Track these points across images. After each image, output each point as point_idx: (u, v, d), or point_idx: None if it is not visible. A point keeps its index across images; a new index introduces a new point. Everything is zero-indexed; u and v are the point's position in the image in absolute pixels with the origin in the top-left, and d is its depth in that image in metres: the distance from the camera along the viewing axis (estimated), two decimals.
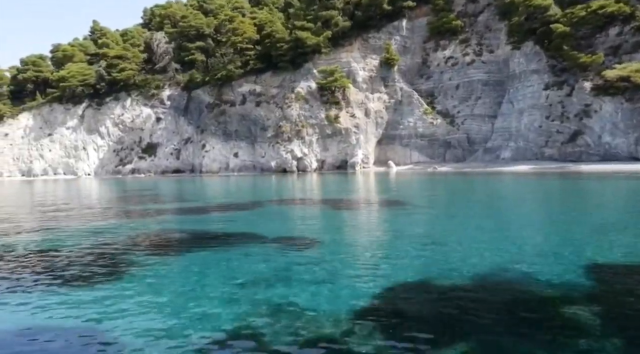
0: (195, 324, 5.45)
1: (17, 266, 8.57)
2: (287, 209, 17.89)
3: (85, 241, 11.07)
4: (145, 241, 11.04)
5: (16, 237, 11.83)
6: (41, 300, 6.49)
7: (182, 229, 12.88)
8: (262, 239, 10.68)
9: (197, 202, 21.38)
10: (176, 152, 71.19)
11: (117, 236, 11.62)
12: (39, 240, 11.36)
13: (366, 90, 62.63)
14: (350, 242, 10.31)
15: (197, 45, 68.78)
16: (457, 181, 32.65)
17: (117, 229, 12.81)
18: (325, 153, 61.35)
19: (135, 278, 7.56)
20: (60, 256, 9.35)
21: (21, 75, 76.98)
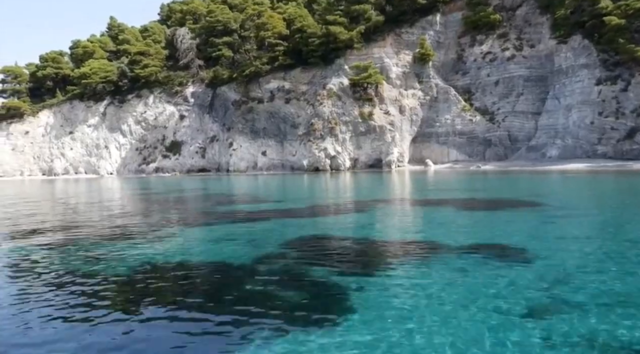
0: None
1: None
2: (411, 210, 16.05)
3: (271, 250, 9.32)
4: (339, 256, 9.27)
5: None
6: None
7: (344, 236, 11.10)
8: (455, 249, 8.90)
9: (289, 203, 19.53)
10: (201, 150, 69.45)
11: (302, 246, 9.85)
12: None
13: (400, 86, 60.80)
14: (568, 252, 8.51)
15: (224, 41, 66.95)
16: (522, 180, 30.80)
17: (279, 238, 11.05)
18: (359, 151, 59.56)
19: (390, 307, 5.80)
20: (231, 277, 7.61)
21: (40, 72, 75.28)
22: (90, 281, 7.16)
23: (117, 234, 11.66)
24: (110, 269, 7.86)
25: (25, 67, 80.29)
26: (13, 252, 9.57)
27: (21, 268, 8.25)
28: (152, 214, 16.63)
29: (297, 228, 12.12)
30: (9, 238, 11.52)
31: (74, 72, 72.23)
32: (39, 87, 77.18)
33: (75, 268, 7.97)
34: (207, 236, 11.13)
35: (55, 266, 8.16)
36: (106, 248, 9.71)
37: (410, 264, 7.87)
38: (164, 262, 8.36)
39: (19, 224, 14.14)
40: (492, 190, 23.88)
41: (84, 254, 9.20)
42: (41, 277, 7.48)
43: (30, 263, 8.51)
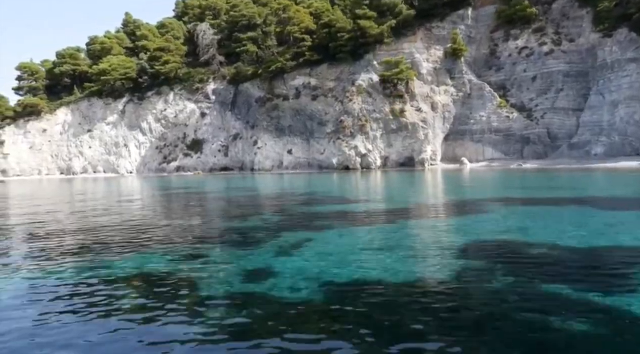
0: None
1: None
2: (544, 211, 14.17)
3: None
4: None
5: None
6: None
7: (519, 240, 9.27)
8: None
9: (386, 203, 17.70)
10: (224, 149, 67.74)
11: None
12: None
13: (431, 82, 59.00)
14: None
15: (248, 36, 65.22)
16: (586, 177, 28.92)
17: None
18: (389, 149, 57.78)
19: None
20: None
21: (58, 69, 73.66)
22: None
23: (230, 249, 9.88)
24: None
25: (41, 64, 78.65)
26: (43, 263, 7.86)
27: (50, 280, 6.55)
28: (253, 218, 14.83)
29: (445, 232, 10.34)
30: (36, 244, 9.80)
31: (92, 68, 70.55)
32: (55, 84, 75.57)
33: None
34: (355, 244, 9.32)
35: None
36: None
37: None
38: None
39: (39, 228, 12.44)
40: (577, 188, 22.04)
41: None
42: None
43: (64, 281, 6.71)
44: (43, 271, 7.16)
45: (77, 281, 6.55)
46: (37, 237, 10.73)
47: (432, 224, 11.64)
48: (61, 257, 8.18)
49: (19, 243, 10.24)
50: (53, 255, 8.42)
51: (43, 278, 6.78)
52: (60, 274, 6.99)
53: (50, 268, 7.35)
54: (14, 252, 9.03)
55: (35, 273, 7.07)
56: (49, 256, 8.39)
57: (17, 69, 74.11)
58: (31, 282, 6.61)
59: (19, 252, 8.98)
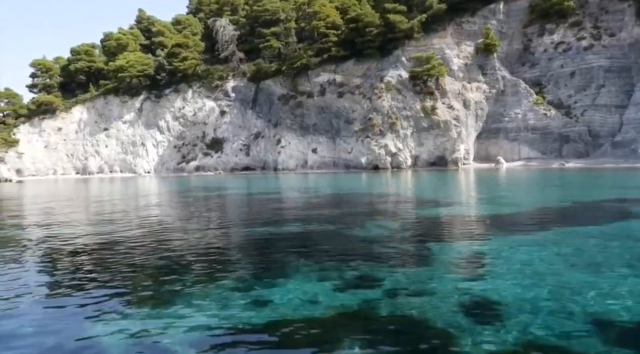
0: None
1: None
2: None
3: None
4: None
5: None
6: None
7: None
8: None
9: (479, 206, 15.82)
10: (245, 148, 65.71)
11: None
12: None
13: (462, 79, 57.04)
14: None
15: (272, 31, 63.18)
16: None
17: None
18: (420, 148, 55.80)
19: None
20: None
21: (73, 66, 71.62)
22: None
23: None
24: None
25: (54, 61, 76.65)
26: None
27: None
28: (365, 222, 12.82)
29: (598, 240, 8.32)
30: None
31: (108, 65, 68.50)
32: (69, 82, 73.59)
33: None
34: (543, 259, 7.31)
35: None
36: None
37: None
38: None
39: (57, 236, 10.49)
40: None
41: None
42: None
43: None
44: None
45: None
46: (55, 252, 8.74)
47: (599, 230, 9.60)
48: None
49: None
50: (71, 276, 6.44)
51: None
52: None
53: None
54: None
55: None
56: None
57: (31, 66, 72.10)
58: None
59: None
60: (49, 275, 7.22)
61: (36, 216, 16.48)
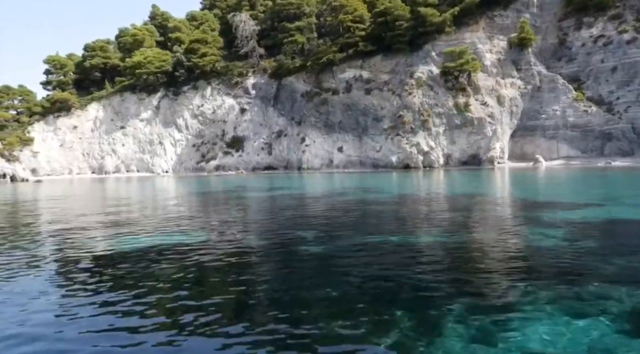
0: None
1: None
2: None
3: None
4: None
5: None
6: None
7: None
8: None
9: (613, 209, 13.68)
10: (267, 147, 63.59)
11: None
12: None
13: (496, 75, 54.87)
14: None
15: (297, 26, 61.04)
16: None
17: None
18: (452, 147, 53.64)
19: None
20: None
21: (88, 62, 69.58)
22: None
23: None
24: None
25: (68, 58, 74.66)
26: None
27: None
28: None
29: None
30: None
31: (125, 61, 66.43)
32: (84, 79, 71.58)
33: None
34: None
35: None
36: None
37: None
38: None
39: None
40: None
41: None
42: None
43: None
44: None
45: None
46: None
47: None
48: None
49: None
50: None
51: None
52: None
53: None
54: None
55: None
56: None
57: (45, 62, 70.07)
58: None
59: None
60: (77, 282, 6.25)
61: (76, 222, 14.39)
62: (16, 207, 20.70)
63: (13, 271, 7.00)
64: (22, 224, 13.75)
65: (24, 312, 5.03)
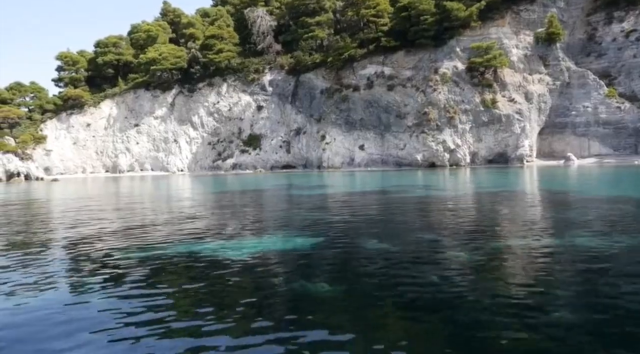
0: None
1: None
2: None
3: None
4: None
5: None
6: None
7: None
8: None
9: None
10: (285, 145, 62.15)
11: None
12: None
13: (523, 70, 53.45)
14: None
15: (317, 20, 59.58)
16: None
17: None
18: (479, 144, 52.20)
19: None
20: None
21: (101, 59, 68.11)
22: None
23: None
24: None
25: (79, 54, 73.18)
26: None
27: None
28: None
29: None
30: None
31: (140, 58, 64.97)
32: (96, 76, 70.12)
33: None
34: None
35: None
36: None
37: None
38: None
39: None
40: None
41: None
42: None
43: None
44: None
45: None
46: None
47: None
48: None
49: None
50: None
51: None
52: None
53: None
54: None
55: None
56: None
57: (58, 58, 68.60)
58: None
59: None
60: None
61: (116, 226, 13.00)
62: (48, 207, 19.32)
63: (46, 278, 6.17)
64: (65, 226, 12.35)
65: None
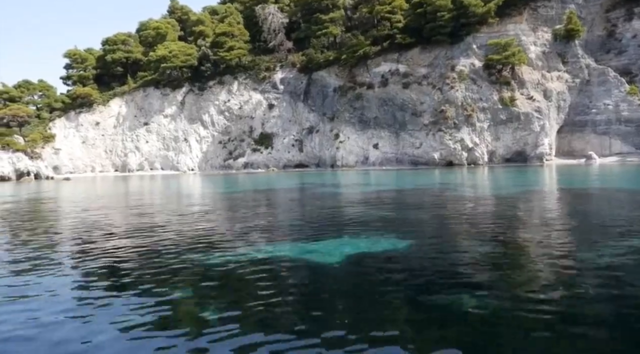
0: None
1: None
2: None
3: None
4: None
5: None
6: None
7: None
8: None
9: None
10: (298, 143, 61.25)
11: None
12: None
13: (541, 68, 52.54)
14: None
15: (331, 17, 58.67)
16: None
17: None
18: (496, 143, 51.27)
19: None
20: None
21: (109, 56, 67.17)
22: None
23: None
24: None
25: (86, 52, 72.27)
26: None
27: None
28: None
29: None
30: None
31: (150, 55, 64.03)
32: (104, 74, 69.22)
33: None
34: None
35: None
36: None
37: None
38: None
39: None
40: None
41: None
42: None
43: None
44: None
45: None
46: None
47: None
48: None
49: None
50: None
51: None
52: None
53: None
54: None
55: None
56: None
57: (66, 56, 67.67)
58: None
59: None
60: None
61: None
62: (78, 208, 18.44)
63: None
64: (101, 229, 11.47)
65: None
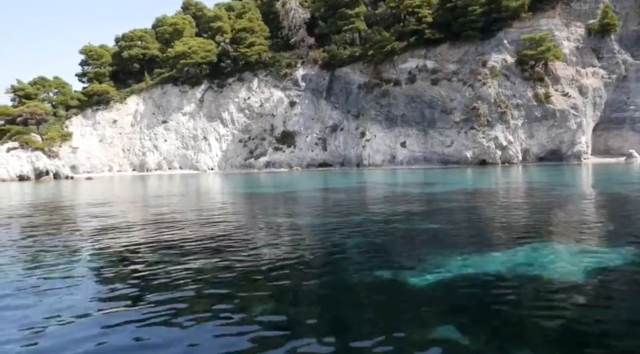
0: None
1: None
2: None
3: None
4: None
5: None
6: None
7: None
8: None
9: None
10: (321, 142, 59.72)
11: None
12: None
13: (575, 64, 51.06)
14: None
15: (356, 12, 57.12)
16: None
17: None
18: (530, 141, 49.79)
19: None
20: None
21: (126, 53, 65.52)
22: None
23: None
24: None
25: (100, 48, 70.61)
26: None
27: None
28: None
29: None
30: None
31: (168, 51, 62.43)
32: (120, 70, 67.61)
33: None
34: None
35: None
36: None
37: None
38: None
39: None
40: None
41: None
42: None
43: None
44: None
45: None
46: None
47: None
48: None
49: None
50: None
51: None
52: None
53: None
54: None
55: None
56: None
57: (82, 53, 66.05)
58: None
59: None
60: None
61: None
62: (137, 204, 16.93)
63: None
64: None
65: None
